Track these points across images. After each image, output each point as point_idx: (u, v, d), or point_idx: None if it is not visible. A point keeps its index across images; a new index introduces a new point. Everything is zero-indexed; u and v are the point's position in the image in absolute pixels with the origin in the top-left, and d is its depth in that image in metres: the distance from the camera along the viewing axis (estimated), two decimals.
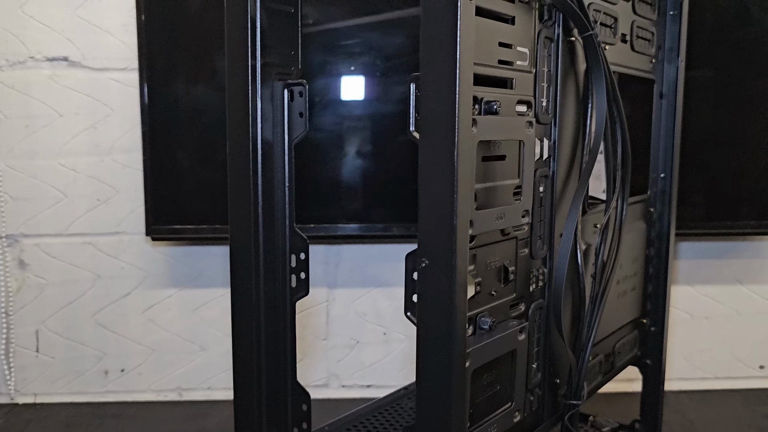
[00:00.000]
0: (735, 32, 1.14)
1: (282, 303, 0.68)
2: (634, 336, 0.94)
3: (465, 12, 0.48)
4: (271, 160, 0.66)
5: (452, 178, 0.49)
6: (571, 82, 0.70)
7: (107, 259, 1.20)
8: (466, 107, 0.50)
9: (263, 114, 0.64)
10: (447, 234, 0.50)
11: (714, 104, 1.17)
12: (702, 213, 1.19)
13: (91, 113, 1.17)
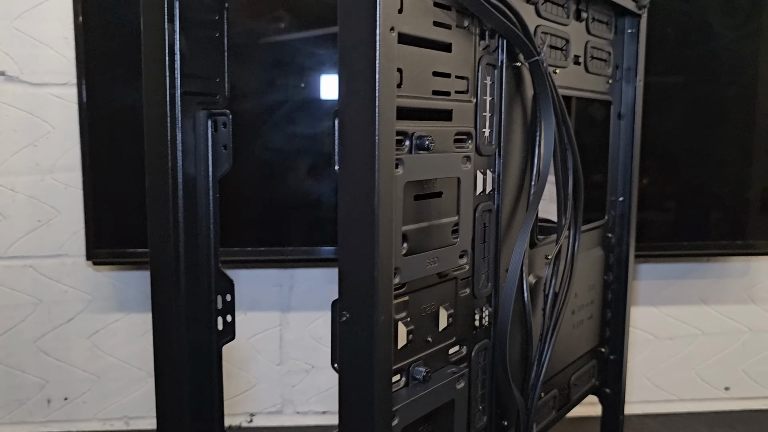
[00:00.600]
0: (699, 47, 1.12)
1: (208, 348, 0.64)
2: (592, 365, 0.91)
3: (385, 41, 0.44)
4: (194, 197, 0.61)
5: (372, 226, 0.45)
6: (518, 109, 0.67)
7: (49, 282, 1.14)
8: (387, 148, 0.46)
9: (185, 147, 0.60)
10: (368, 286, 0.46)
11: (677, 123, 1.14)
12: (666, 234, 1.16)
13: (30, 130, 1.11)
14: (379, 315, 0.46)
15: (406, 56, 0.51)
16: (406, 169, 0.49)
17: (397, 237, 0.49)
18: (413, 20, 0.52)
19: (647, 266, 1.22)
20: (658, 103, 1.13)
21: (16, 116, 1.10)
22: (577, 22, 0.76)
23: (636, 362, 1.24)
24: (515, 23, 0.60)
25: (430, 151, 0.53)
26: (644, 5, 0.85)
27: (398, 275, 0.50)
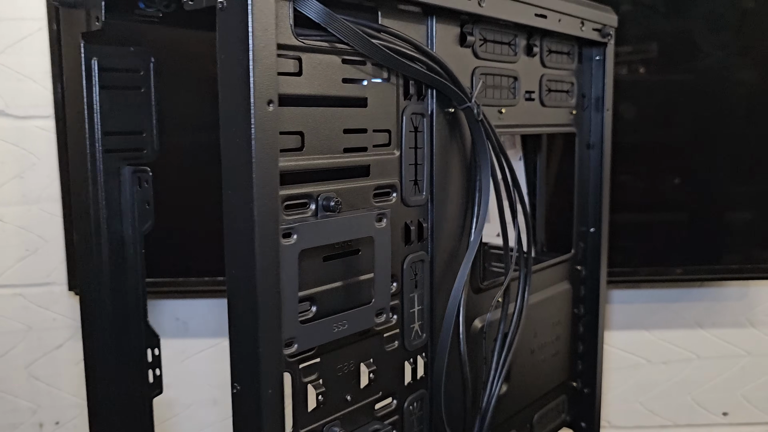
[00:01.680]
0: (682, 67, 1.08)
1: (140, 401, 0.64)
2: (561, 401, 0.89)
3: (261, 116, 0.43)
4: (121, 252, 0.61)
5: (254, 301, 0.45)
6: (456, 155, 0.65)
7: (38, 310, 1.17)
8: (267, 221, 0.45)
9: (109, 203, 0.60)
10: (253, 361, 0.46)
11: (669, 144, 1.10)
12: (657, 259, 1.12)
13: (17, 162, 1.14)
14: (266, 389, 0.46)
15: (310, 117, 0.51)
16: (302, 237, 0.48)
17: (291, 306, 0.48)
18: (317, 81, 0.51)
19: (638, 291, 1.18)
20: (648, 123, 1.09)
21: (3, 149, 1.13)
22: (529, 57, 0.74)
23: (628, 387, 1.21)
24: (439, 72, 0.59)
25: (337, 213, 0.52)
26: (608, 33, 0.82)
27: (295, 344, 0.49)
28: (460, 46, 0.64)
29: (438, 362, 0.64)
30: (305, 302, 0.52)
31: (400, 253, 0.60)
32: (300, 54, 0.49)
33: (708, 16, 1.07)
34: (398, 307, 0.61)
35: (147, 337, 0.62)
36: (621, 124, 1.09)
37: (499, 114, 0.71)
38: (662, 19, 1.07)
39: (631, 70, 1.08)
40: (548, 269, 0.83)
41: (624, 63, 1.08)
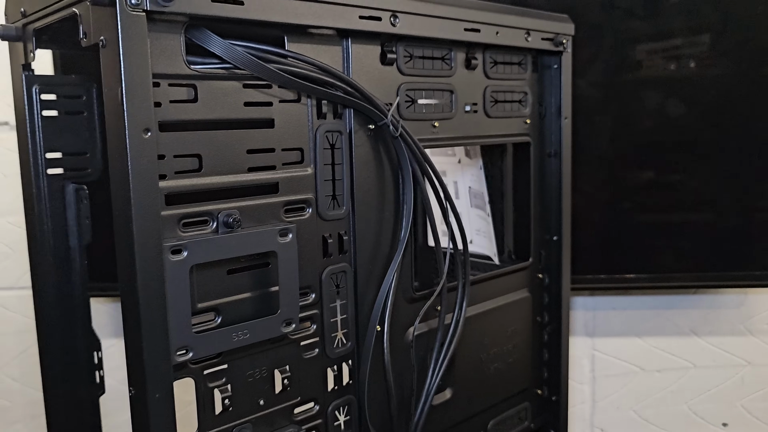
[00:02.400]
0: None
1: (89, 400, 0.70)
2: (523, 408, 0.89)
3: (136, 143, 0.47)
4: (67, 263, 0.67)
5: (137, 314, 0.49)
6: (381, 168, 0.67)
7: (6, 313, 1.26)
8: (148, 239, 0.49)
9: (54, 218, 0.66)
10: (141, 367, 0.50)
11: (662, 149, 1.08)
12: (646, 266, 1.10)
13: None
14: (153, 393, 0.50)
15: (208, 140, 0.54)
16: (193, 253, 0.52)
17: (182, 317, 0.52)
18: (215, 106, 0.54)
19: (629, 297, 1.17)
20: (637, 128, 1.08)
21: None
22: (468, 70, 0.75)
23: (622, 395, 1.19)
24: (350, 92, 0.62)
25: (235, 229, 0.55)
26: (561, 42, 0.82)
27: (190, 352, 0.53)
28: (382, 64, 0.66)
29: (362, 369, 0.67)
30: (209, 312, 0.56)
31: (317, 265, 0.63)
32: (194, 82, 0.53)
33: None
34: (317, 317, 0.63)
35: (91, 341, 0.68)
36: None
37: (432, 127, 0.72)
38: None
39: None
40: (503, 277, 0.84)
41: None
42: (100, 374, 0.69)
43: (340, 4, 0.59)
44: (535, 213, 0.87)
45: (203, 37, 0.53)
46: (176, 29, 0.51)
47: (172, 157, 0.52)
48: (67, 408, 0.69)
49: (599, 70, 1.06)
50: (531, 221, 0.87)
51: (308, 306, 0.62)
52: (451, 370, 0.77)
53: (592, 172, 1.08)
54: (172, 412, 0.51)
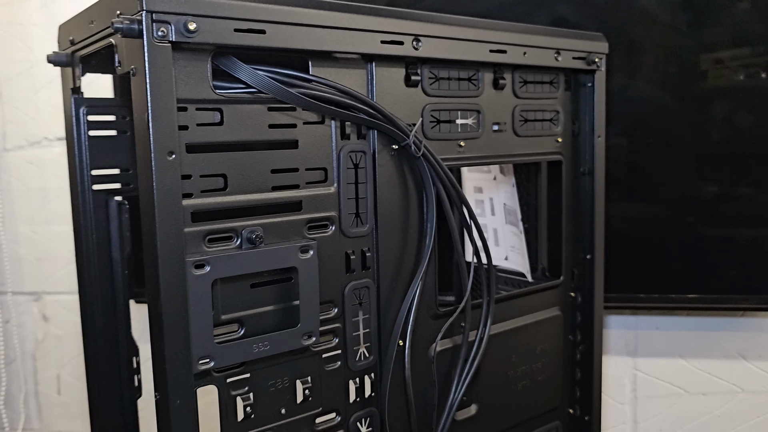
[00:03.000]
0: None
1: (130, 402, 0.74)
2: (554, 427, 0.89)
3: (161, 165, 0.51)
4: (109, 274, 0.71)
5: (160, 325, 0.52)
6: (406, 187, 0.69)
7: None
8: (171, 255, 0.52)
9: (99, 231, 0.71)
10: (163, 374, 0.53)
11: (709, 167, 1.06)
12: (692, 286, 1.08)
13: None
14: (174, 399, 0.53)
15: (233, 161, 0.57)
16: (215, 268, 0.55)
17: (204, 328, 0.55)
18: (240, 129, 0.57)
19: (673, 318, 1.14)
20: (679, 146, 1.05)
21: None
22: (496, 90, 0.76)
23: (665, 416, 1.16)
24: (372, 114, 0.64)
25: (258, 245, 0.58)
26: (593, 61, 0.82)
27: (212, 361, 0.56)
28: (406, 86, 0.68)
29: (383, 383, 0.68)
30: (233, 323, 0.59)
31: (340, 281, 0.65)
32: (221, 106, 0.56)
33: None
34: (339, 330, 0.66)
35: (130, 346, 0.72)
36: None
37: (458, 147, 0.74)
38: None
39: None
40: (533, 295, 0.84)
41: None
42: (138, 378, 0.73)
43: (361, 30, 0.61)
44: (568, 231, 0.87)
45: (230, 64, 0.56)
46: (204, 57, 0.54)
47: (198, 176, 0.55)
48: (107, 407, 0.73)
49: (662, 80, 1.04)
50: (563, 239, 0.86)
51: (330, 320, 0.65)
52: (476, 386, 0.78)
53: (638, 188, 1.06)
54: (193, 416, 0.54)
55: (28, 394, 1.40)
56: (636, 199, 1.07)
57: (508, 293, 0.81)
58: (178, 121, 0.52)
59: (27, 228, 1.35)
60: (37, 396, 1.40)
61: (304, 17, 0.57)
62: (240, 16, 0.53)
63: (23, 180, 1.34)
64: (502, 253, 0.99)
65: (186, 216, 0.54)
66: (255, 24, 0.54)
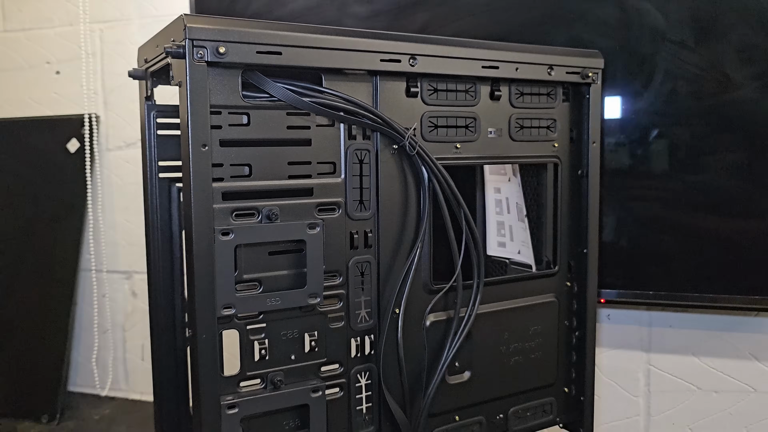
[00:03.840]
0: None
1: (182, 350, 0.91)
2: (548, 402, 0.99)
3: (196, 155, 0.67)
4: (170, 248, 0.89)
5: (192, 276, 0.68)
6: (406, 181, 0.83)
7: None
8: (202, 224, 0.68)
9: (162, 212, 0.88)
10: (193, 314, 0.69)
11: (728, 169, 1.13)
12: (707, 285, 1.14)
13: None
14: (201, 334, 0.69)
15: (257, 154, 0.73)
16: (238, 235, 0.71)
17: (227, 282, 0.71)
18: (263, 129, 0.73)
19: (686, 315, 1.20)
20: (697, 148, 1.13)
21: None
22: (493, 101, 0.89)
23: (678, 411, 1.22)
24: (372, 119, 0.78)
25: (274, 221, 0.73)
26: (587, 75, 0.93)
27: (233, 309, 0.72)
28: (407, 96, 0.82)
29: (378, 344, 0.82)
30: (254, 282, 0.75)
31: (345, 255, 0.80)
32: (248, 111, 0.72)
33: None
34: (343, 296, 0.80)
35: (183, 304, 0.89)
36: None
37: (455, 148, 0.86)
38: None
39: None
40: (528, 281, 0.96)
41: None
42: (188, 330, 0.90)
43: (361, 51, 0.76)
44: (566, 227, 0.98)
45: (256, 78, 0.72)
46: (235, 73, 0.71)
47: (228, 165, 0.72)
48: (165, 352, 0.91)
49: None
50: (559, 234, 0.97)
51: (336, 286, 0.79)
52: (469, 357, 0.90)
53: (657, 188, 1.14)
54: (215, 349, 0.70)
55: (116, 360, 1.63)
56: (652, 198, 1.15)
57: (500, 277, 0.93)
58: (212, 121, 0.69)
59: (122, 217, 1.59)
60: (124, 362, 1.63)
61: (312, 41, 0.73)
62: (260, 41, 0.70)
63: (120, 176, 1.58)
64: (515, 248, 1.10)
65: (217, 195, 0.70)
66: (272, 47, 0.70)
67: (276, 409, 0.76)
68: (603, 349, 1.27)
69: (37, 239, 1.67)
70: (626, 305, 1.22)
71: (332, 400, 0.81)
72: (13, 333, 1.65)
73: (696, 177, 1.13)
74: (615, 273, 1.18)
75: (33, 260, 1.66)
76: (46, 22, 1.64)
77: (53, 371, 1.57)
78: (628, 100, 1.14)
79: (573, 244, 0.99)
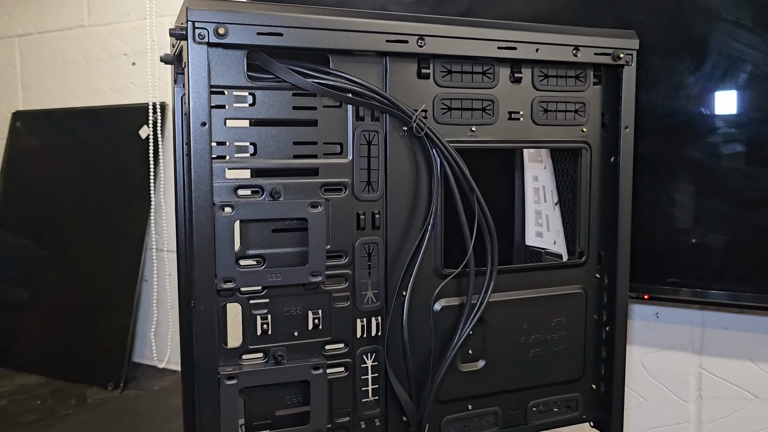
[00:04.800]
0: None
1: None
2: (573, 398, 0.95)
3: (196, 134, 0.70)
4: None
5: (192, 249, 0.71)
6: (417, 164, 0.82)
7: None
8: (203, 199, 0.71)
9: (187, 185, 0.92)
10: (193, 287, 0.72)
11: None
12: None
13: None
14: (200, 305, 0.72)
15: (263, 134, 0.75)
16: (238, 211, 0.73)
17: (227, 255, 0.73)
18: (269, 109, 0.75)
19: (742, 317, 1.12)
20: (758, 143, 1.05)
21: None
22: (513, 83, 0.86)
23: (731, 420, 1.14)
24: (379, 100, 0.78)
25: (277, 199, 0.75)
26: (618, 56, 0.88)
27: (233, 282, 0.74)
28: (418, 78, 0.81)
29: (384, 326, 0.82)
30: (258, 258, 0.77)
31: (351, 235, 0.80)
32: (253, 91, 0.74)
33: None
34: (349, 276, 0.81)
35: None
36: None
37: (470, 131, 0.85)
38: None
39: None
40: (552, 270, 0.92)
41: None
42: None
43: (367, 32, 0.76)
44: (596, 216, 0.93)
45: (262, 59, 0.74)
46: (240, 53, 0.73)
47: (233, 143, 0.74)
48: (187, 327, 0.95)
49: None
50: (588, 223, 0.93)
51: (341, 266, 0.80)
52: (484, 345, 0.88)
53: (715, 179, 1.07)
54: (213, 320, 0.73)
55: (174, 334, 1.72)
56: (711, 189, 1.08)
57: (517, 265, 0.90)
58: (215, 101, 0.71)
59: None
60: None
61: (312, 23, 0.74)
62: (260, 22, 0.71)
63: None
64: (551, 238, 1.07)
65: (220, 172, 0.73)
66: (273, 28, 0.72)
67: (276, 383, 0.78)
68: (650, 349, 1.20)
69: (109, 220, 1.79)
70: (676, 303, 1.15)
71: (337, 379, 0.81)
72: (86, 307, 1.78)
73: (755, 168, 1.04)
74: (664, 268, 1.12)
75: (105, 239, 1.79)
76: (124, 16, 1.76)
77: (120, 343, 1.68)
78: (677, 83, 1.08)
79: (604, 234, 0.94)
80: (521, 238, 1.12)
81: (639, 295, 1.12)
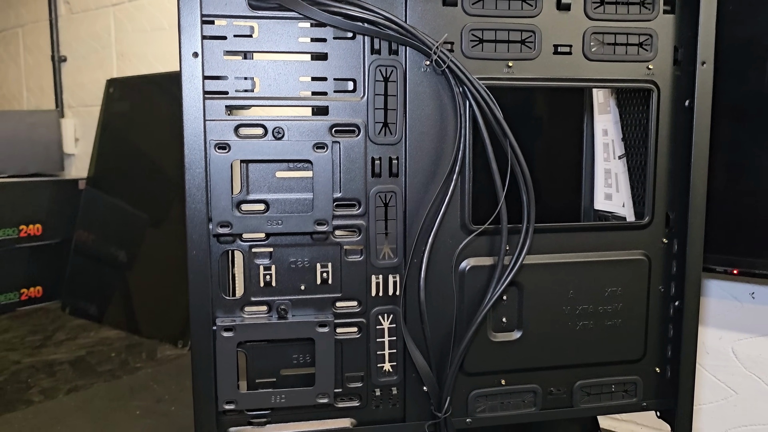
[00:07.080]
0: None
1: None
2: (631, 382, 0.82)
3: (187, 64, 0.65)
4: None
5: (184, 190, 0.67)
6: (440, 104, 0.73)
7: None
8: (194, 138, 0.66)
9: None
10: (186, 229, 0.67)
11: None
12: None
13: None
14: (192, 251, 0.67)
15: (263, 67, 0.69)
16: (235, 150, 0.68)
17: (223, 198, 0.68)
18: (270, 41, 0.69)
19: None
20: None
21: None
22: (560, 11, 0.74)
23: None
24: (396, 29, 0.69)
25: (280, 139, 0.69)
26: None
27: (230, 227, 0.69)
28: (444, 5, 0.72)
29: (403, 285, 0.74)
30: (260, 203, 0.71)
31: (365, 183, 0.72)
32: (255, 21, 0.68)
33: None
34: (363, 227, 0.73)
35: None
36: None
37: (506, 67, 0.74)
38: None
39: None
40: (607, 232, 0.80)
41: None
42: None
43: None
44: (665, 171, 0.79)
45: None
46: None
47: (233, 78, 0.68)
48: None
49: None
50: (654, 178, 0.79)
51: (353, 216, 0.72)
52: (520, 314, 0.78)
53: None
54: (207, 266, 0.68)
55: None
56: None
57: (563, 224, 0.78)
58: (212, 31, 0.66)
59: None
60: None
61: None
62: None
63: None
64: (620, 200, 0.93)
65: (218, 108, 0.67)
66: None
67: (278, 339, 0.72)
68: (744, 334, 1.03)
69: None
70: (762, 279, 0.97)
71: (348, 340, 0.75)
72: (163, 271, 1.83)
73: None
74: (761, 238, 0.95)
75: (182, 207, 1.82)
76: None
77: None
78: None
79: (674, 192, 0.80)
80: (589, 201, 0.99)
81: (726, 270, 0.96)
